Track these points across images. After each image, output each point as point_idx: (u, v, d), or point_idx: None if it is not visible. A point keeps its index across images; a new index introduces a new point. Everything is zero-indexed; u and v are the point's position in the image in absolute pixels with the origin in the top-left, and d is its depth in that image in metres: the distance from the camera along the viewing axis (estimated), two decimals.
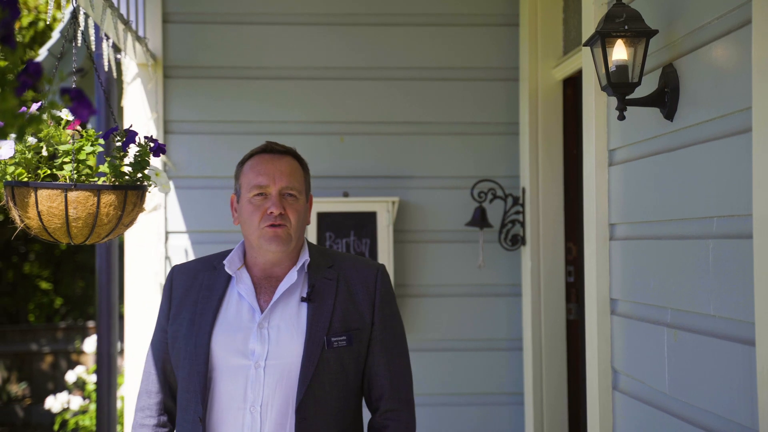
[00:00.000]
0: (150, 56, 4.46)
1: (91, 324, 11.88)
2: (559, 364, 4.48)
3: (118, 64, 4.41)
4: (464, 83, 4.73)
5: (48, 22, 9.25)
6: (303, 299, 2.63)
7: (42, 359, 12.88)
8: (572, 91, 4.47)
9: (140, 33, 4.39)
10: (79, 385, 7.14)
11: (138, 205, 2.78)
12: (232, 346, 2.60)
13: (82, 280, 13.16)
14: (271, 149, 2.70)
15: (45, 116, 1.45)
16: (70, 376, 6.93)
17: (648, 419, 2.94)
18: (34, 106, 2.57)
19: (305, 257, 2.67)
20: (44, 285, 14.17)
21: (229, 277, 2.69)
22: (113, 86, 4.54)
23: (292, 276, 2.64)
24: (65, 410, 6.68)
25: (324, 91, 4.72)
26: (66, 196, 2.61)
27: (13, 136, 1.41)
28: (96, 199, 2.64)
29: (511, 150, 4.68)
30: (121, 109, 4.76)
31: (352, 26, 4.74)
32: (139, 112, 4.60)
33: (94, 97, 4.68)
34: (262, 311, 2.62)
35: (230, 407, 2.58)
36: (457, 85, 4.73)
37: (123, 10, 3.90)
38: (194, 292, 2.71)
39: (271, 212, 2.61)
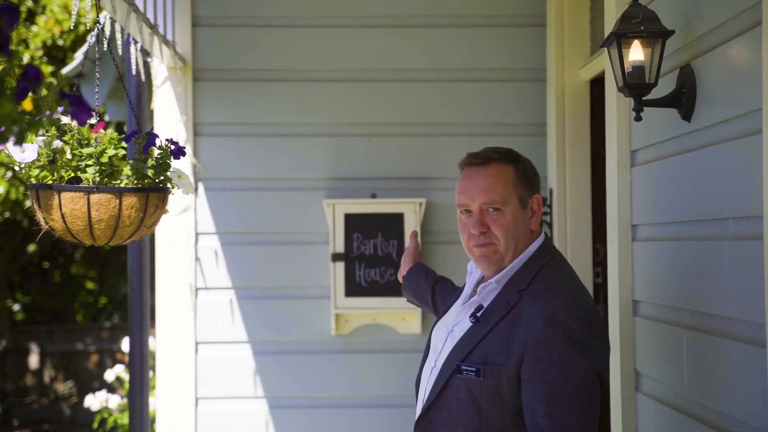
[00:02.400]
0: (179, 59, 4.52)
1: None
2: None
3: (147, 67, 4.47)
4: (491, 84, 4.73)
5: (88, 26, 9.38)
6: (470, 317, 2.50)
7: (88, 358, 13.06)
8: (599, 91, 4.44)
9: (169, 37, 4.45)
10: (119, 384, 7.23)
11: (160, 207, 2.82)
12: (435, 342, 2.60)
13: (126, 280, 13.32)
14: (470, 162, 2.60)
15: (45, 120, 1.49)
16: (109, 375, 7.01)
17: (669, 422, 2.92)
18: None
19: (499, 275, 2.51)
20: (90, 285, 14.36)
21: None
22: (144, 89, 4.60)
23: (474, 293, 2.57)
24: (104, 409, 6.77)
25: (352, 93, 4.74)
26: (88, 199, 2.66)
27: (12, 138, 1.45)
28: (118, 201, 2.69)
29: (538, 151, 4.67)
30: (151, 112, 4.82)
31: (380, 28, 4.76)
32: (168, 115, 4.66)
33: (125, 100, 4.75)
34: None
35: (420, 398, 2.59)
36: (484, 87, 4.73)
37: (150, 15, 3.95)
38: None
39: (473, 232, 2.51)
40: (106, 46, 3.15)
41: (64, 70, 3.46)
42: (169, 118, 4.66)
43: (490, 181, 2.53)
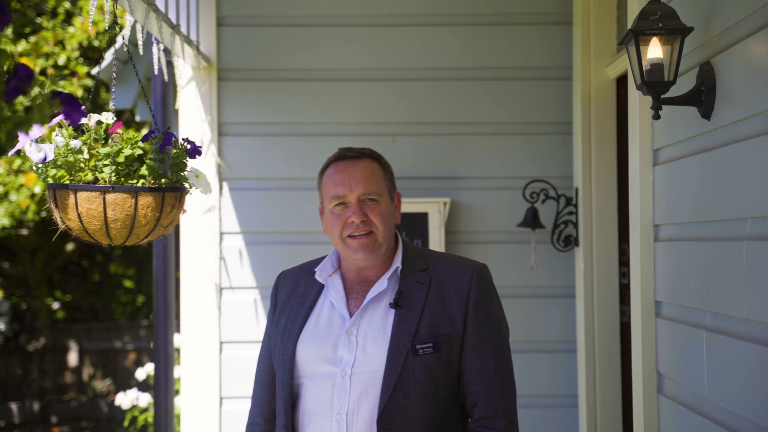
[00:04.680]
0: (202, 59, 4.52)
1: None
2: (612, 367, 4.41)
3: (171, 67, 4.48)
4: (517, 83, 4.70)
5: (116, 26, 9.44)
6: (391, 305, 2.56)
7: (126, 356, 13.18)
8: (625, 89, 4.39)
9: (193, 37, 4.46)
10: (151, 383, 7.27)
11: (177, 207, 2.82)
12: (320, 354, 2.57)
13: None
14: (344, 156, 2.65)
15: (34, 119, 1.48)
16: (140, 373, 7.05)
17: (691, 425, 2.88)
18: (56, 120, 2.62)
19: (397, 263, 2.62)
20: (128, 284, 14.48)
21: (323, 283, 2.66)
22: (169, 89, 4.62)
23: (381, 284, 2.58)
24: (134, 407, 6.81)
25: (376, 92, 4.73)
26: (104, 198, 2.66)
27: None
28: (133, 201, 2.69)
29: (563, 150, 4.63)
30: (176, 112, 4.83)
31: (404, 27, 4.74)
32: (193, 115, 4.67)
33: (151, 100, 4.76)
34: (351, 317, 2.58)
35: (317, 414, 2.55)
36: (510, 85, 4.70)
37: (173, 14, 3.95)
38: (293, 299, 2.70)
39: (353, 221, 2.56)
40: (125, 47, 3.17)
41: (94, 71, 3.46)
42: (193, 118, 4.67)
43: (366, 173, 2.62)
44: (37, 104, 1.50)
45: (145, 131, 9.74)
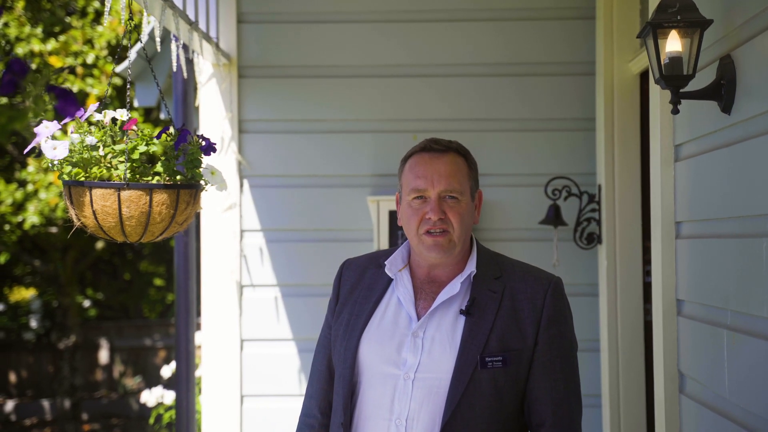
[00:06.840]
0: (222, 56, 4.52)
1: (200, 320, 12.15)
2: (636, 366, 4.35)
3: (191, 64, 4.47)
4: (539, 78, 4.65)
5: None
6: (462, 312, 2.46)
7: (156, 354, 13.25)
8: (649, 85, 4.33)
9: (213, 33, 4.45)
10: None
11: (192, 204, 2.81)
12: (383, 353, 2.49)
13: None
14: (429, 147, 2.53)
15: (30, 114, 1.47)
16: (166, 371, 7.06)
17: (713, 425, 2.83)
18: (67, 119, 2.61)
19: (471, 268, 2.50)
20: (158, 282, 14.56)
21: (391, 278, 2.57)
22: (189, 87, 4.61)
23: (454, 287, 2.48)
24: (159, 404, 6.82)
25: (397, 89, 4.70)
26: (119, 195, 2.66)
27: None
28: (148, 198, 2.68)
29: (586, 146, 4.58)
30: (197, 109, 4.83)
31: (425, 23, 4.71)
32: (214, 112, 4.67)
33: (171, 98, 4.77)
34: (419, 318, 2.49)
35: (375, 416, 2.47)
36: (532, 81, 4.65)
37: (191, 11, 3.95)
38: (357, 291, 2.61)
39: (430, 217, 2.46)
40: (141, 44, 3.16)
41: (117, 69, 3.47)
42: (214, 115, 4.67)
43: (450, 169, 2.50)
44: (32, 99, 1.48)
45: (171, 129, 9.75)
